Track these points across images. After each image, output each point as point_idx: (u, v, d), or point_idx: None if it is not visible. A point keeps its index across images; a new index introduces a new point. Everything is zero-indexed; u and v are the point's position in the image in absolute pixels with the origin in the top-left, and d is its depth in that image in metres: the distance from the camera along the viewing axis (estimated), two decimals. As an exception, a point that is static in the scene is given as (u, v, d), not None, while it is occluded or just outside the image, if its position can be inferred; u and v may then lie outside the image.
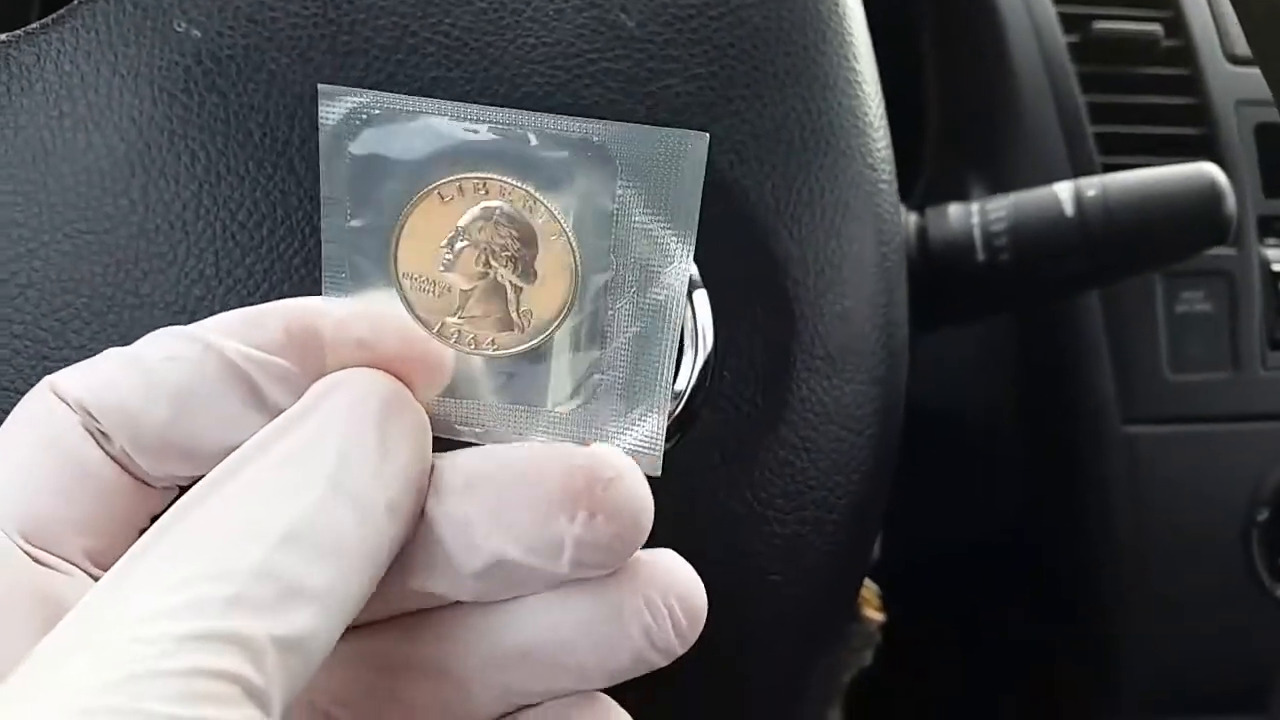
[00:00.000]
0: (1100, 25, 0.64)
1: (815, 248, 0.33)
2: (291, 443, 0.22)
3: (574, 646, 0.24)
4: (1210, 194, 0.47)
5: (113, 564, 0.23)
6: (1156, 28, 0.65)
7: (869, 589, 0.66)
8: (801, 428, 0.32)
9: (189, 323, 0.24)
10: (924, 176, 0.68)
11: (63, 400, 0.23)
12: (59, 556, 0.23)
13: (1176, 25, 0.66)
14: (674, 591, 0.23)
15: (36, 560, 0.23)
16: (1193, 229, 0.48)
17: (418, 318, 0.23)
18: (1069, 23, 0.65)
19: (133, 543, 0.23)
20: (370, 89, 0.31)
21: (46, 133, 0.31)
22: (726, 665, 0.33)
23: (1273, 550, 0.61)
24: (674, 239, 0.23)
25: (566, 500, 0.22)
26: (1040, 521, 0.64)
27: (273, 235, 0.30)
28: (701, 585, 0.23)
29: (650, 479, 0.31)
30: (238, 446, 0.23)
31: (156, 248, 0.30)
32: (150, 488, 0.24)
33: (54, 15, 0.31)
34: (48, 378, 0.24)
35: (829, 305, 0.33)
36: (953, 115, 0.68)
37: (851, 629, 0.63)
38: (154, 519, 0.24)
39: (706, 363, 0.31)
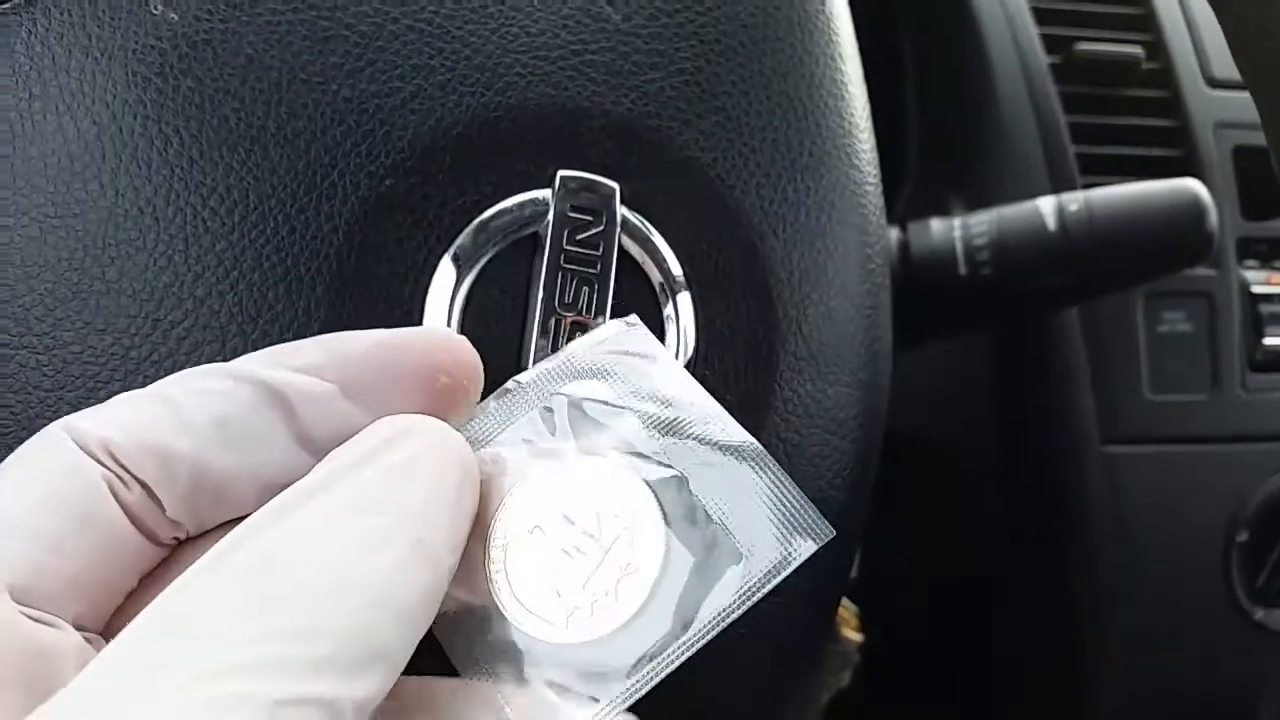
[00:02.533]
0: (1082, 47, 0.65)
1: (800, 247, 0.32)
2: (369, 484, 0.20)
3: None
4: (1193, 209, 0.47)
5: (99, 626, 0.22)
6: (1138, 50, 0.65)
7: (847, 609, 0.65)
8: (783, 429, 0.32)
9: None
10: (905, 194, 0.68)
11: (81, 445, 0.22)
12: (47, 612, 0.21)
13: (1157, 48, 0.66)
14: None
15: (25, 615, 0.21)
16: (1175, 244, 0.48)
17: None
18: (1051, 44, 0.65)
19: (115, 607, 0.22)
20: (348, 75, 0.30)
21: (15, 115, 0.30)
22: (696, 683, 0.32)
23: (1252, 572, 0.61)
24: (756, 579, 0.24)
25: None
26: (1019, 541, 0.63)
27: (244, 222, 0.29)
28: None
29: None
30: (273, 484, 0.22)
31: (125, 233, 0.29)
32: (155, 545, 0.23)
33: (26, -4, 0.31)
34: (64, 420, 0.22)
35: (813, 305, 0.32)
36: (935, 134, 0.68)
37: (830, 649, 0.62)
38: (141, 580, 0.23)
39: (688, 364, 0.31)
